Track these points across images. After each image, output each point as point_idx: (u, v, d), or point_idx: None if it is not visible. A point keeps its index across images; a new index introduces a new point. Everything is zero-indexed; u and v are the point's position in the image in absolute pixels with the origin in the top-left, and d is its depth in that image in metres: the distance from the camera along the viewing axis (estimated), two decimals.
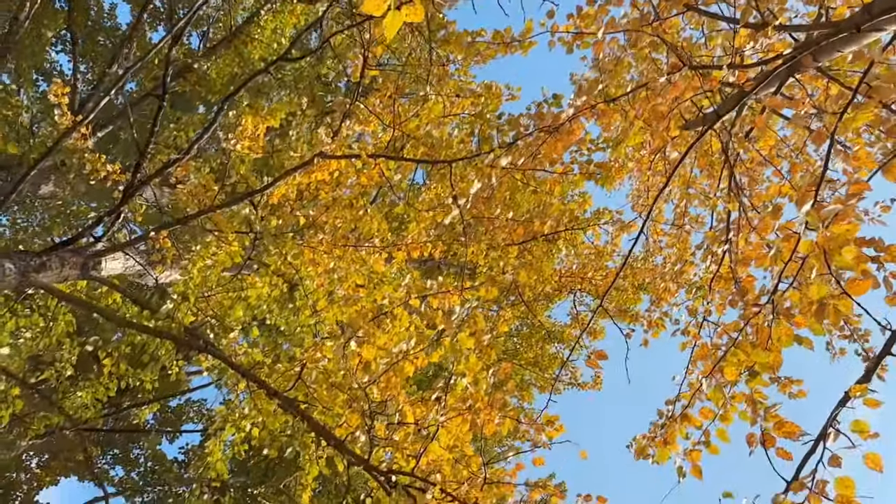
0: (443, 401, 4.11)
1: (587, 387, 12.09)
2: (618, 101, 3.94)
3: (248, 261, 6.01)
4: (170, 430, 12.70)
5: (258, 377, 5.60)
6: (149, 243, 6.83)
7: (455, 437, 4.53)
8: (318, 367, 5.33)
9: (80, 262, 6.34)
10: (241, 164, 6.04)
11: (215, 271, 6.42)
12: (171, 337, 5.70)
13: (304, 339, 5.78)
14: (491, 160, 4.51)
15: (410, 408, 4.21)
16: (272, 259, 6.24)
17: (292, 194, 6.41)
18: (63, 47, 10.85)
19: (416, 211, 5.86)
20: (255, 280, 6.26)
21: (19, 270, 5.64)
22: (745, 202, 4.61)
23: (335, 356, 3.97)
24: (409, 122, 5.76)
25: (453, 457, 4.56)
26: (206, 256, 6.28)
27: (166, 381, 12.25)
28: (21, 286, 5.69)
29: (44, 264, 5.89)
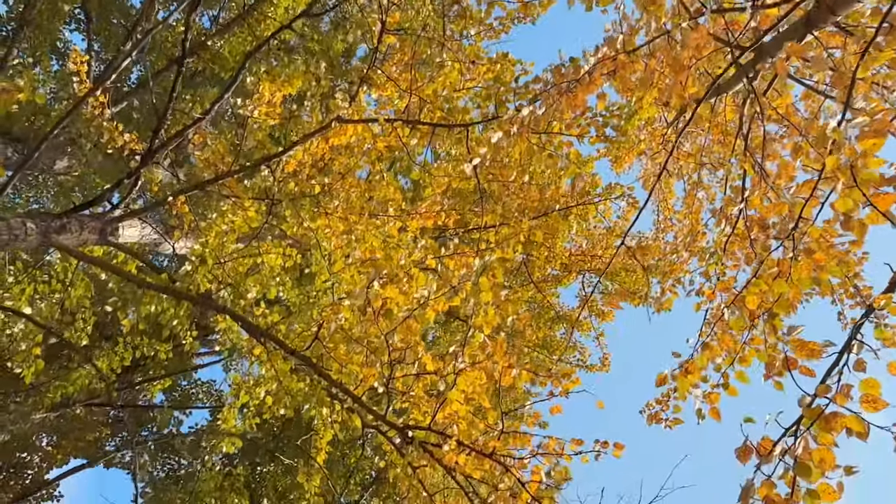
0: (460, 354, 4.17)
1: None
2: (638, 53, 3.97)
3: (265, 225, 6.07)
4: (180, 407, 12.79)
5: (275, 336, 5.67)
6: (166, 211, 6.90)
7: (472, 390, 4.58)
8: (336, 323, 5.39)
9: (99, 226, 6.41)
10: (258, 130, 6.09)
11: (231, 237, 6.48)
12: (189, 297, 5.77)
13: (317, 308, 5.83)
14: (510, 116, 4.55)
15: (430, 359, 4.27)
16: (288, 225, 6.30)
17: (308, 161, 6.48)
18: (77, 26, 10.92)
19: (432, 176, 5.91)
20: (270, 247, 6.32)
21: (40, 231, 5.71)
22: (760, 161, 4.64)
23: (357, 299, 4.02)
24: (425, 87, 5.81)
25: (470, 408, 4.62)
26: (223, 223, 6.34)
27: (176, 361, 12.34)
28: (42, 246, 5.76)
29: (64, 226, 5.96)
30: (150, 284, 5.78)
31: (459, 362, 4.06)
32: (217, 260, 6.42)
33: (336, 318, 5.47)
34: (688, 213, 6.89)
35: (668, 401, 6.00)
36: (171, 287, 5.77)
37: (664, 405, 6.05)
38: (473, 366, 4.06)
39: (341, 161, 6.44)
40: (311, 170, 6.40)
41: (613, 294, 11.63)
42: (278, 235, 7.67)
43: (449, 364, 4.28)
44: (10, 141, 8.97)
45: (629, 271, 10.80)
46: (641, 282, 11.30)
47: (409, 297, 3.96)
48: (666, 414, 6.12)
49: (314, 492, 6.28)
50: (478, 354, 4.07)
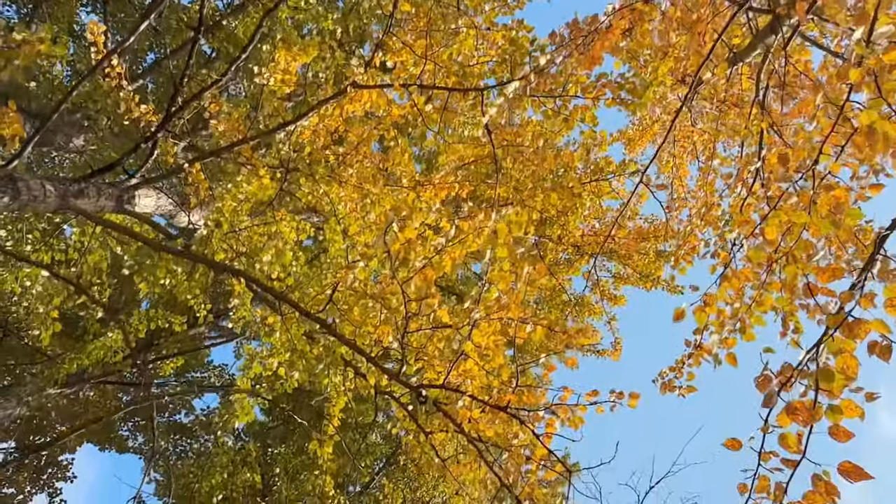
0: (475, 307, 4.17)
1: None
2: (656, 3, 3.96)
3: (280, 193, 6.10)
4: (192, 393, 12.87)
5: (290, 299, 5.70)
6: (181, 181, 6.94)
7: (486, 345, 4.59)
8: (351, 283, 5.42)
9: (116, 194, 6.47)
10: (274, 98, 6.13)
11: (246, 206, 6.52)
12: (205, 261, 5.81)
13: (331, 272, 5.85)
14: (526, 73, 4.56)
15: (446, 312, 4.28)
16: (303, 193, 6.33)
17: (323, 131, 6.50)
18: (93, 7, 11.02)
19: (447, 143, 5.91)
20: (284, 214, 6.35)
21: (59, 194, 5.77)
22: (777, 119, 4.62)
23: (376, 247, 4.03)
24: (440, 53, 5.81)
25: (483, 363, 4.62)
26: (238, 192, 6.38)
27: (189, 344, 12.42)
28: (60, 209, 5.81)
29: (82, 191, 6.02)
30: (167, 247, 5.83)
31: (475, 313, 4.06)
32: (232, 228, 6.46)
33: (351, 280, 5.50)
34: (703, 184, 6.86)
35: (681, 367, 5.99)
36: (186, 250, 5.81)
37: (678, 372, 6.03)
38: (488, 317, 4.06)
39: (356, 132, 6.47)
40: (326, 139, 6.43)
41: (625, 278, 11.60)
42: (293, 210, 7.71)
43: (464, 318, 4.29)
44: (28, 117, 9.07)
45: (642, 254, 10.77)
46: (654, 265, 11.27)
47: (426, 247, 3.97)
48: (679, 381, 6.11)
49: (327, 457, 6.31)
50: (493, 306, 4.07)
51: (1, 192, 5.26)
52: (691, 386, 6.07)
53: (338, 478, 10.46)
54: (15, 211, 5.51)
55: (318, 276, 6.01)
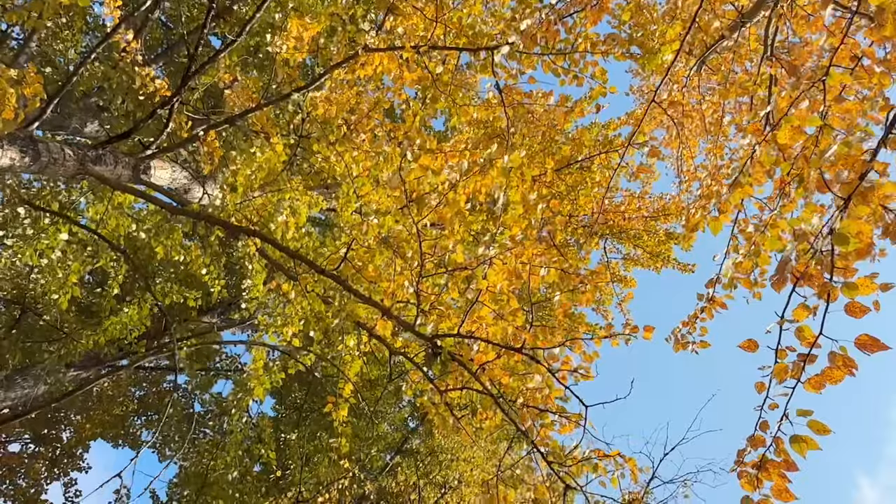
0: (491, 244, 4.22)
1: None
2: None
3: (293, 158, 6.18)
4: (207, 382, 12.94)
5: (305, 256, 5.76)
6: (195, 152, 7.03)
7: (501, 289, 4.63)
8: (365, 241, 5.48)
9: (133, 163, 6.57)
10: (287, 66, 6.22)
11: (260, 174, 6.60)
12: (221, 222, 5.88)
13: (345, 232, 5.91)
14: (534, 22, 4.62)
15: (461, 252, 4.32)
16: (315, 160, 6.41)
17: (335, 101, 6.58)
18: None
19: (458, 106, 5.98)
20: (297, 183, 6.43)
21: (77, 158, 5.87)
22: (787, 62, 4.65)
23: (391, 181, 4.09)
24: (450, 16, 5.89)
25: (497, 308, 4.66)
26: (251, 162, 6.47)
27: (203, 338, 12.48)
28: (78, 174, 5.92)
29: (100, 157, 6.12)
30: (184, 210, 5.91)
31: (490, 250, 4.11)
32: (246, 197, 6.55)
33: (364, 237, 5.57)
34: (713, 146, 6.89)
35: (694, 321, 6.01)
36: (202, 213, 5.89)
37: (691, 326, 6.05)
38: (503, 254, 4.10)
39: (368, 99, 6.55)
40: (338, 110, 6.51)
41: (635, 259, 11.60)
42: (305, 186, 7.79)
43: (479, 259, 4.34)
44: (42, 101, 9.19)
45: (651, 233, 10.78)
46: (664, 246, 11.27)
47: (439, 175, 4.02)
48: (693, 337, 6.12)
49: (341, 420, 6.35)
50: (507, 244, 4.12)
51: (22, 152, 5.37)
52: (704, 341, 6.09)
53: (351, 457, 10.48)
54: (35, 172, 5.61)
55: (332, 239, 6.07)
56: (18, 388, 8.80)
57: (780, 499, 2.47)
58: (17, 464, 12.80)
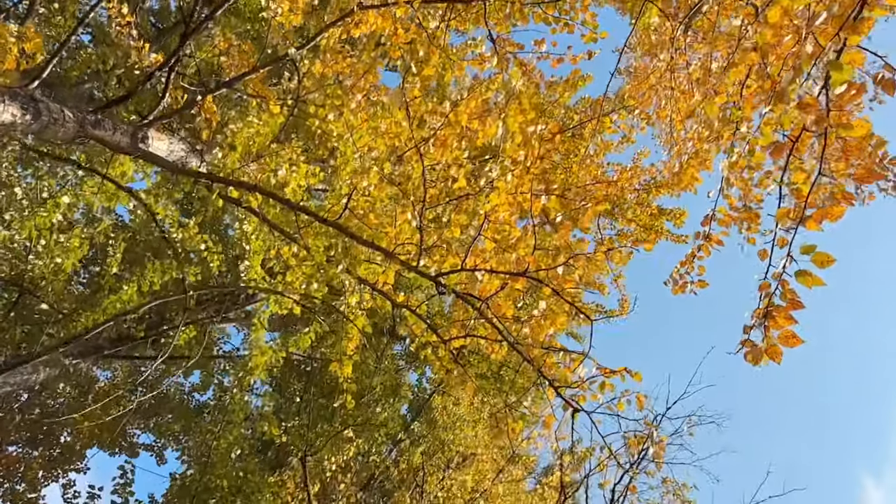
0: (494, 168, 4.31)
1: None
2: None
3: (290, 121, 6.26)
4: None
5: (307, 208, 5.83)
6: (193, 127, 7.10)
7: (504, 220, 4.71)
8: (366, 189, 5.55)
9: (131, 130, 6.62)
10: (282, 30, 6.32)
11: (259, 140, 6.67)
12: (222, 179, 5.94)
13: (346, 183, 5.97)
14: None
15: (463, 177, 4.40)
16: (312, 121, 6.49)
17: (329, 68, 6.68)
18: None
19: (452, 61, 6.09)
20: (296, 146, 6.50)
21: (77, 121, 5.92)
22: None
23: (395, 98, 4.17)
24: None
25: (500, 239, 4.74)
26: (249, 125, 6.54)
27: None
28: (78, 137, 5.97)
29: (99, 122, 6.17)
30: (183, 170, 5.98)
31: (493, 171, 4.19)
32: (244, 161, 6.61)
33: (365, 185, 5.64)
34: (704, 100, 7.00)
35: (692, 260, 6.10)
36: (201, 172, 5.96)
37: (689, 265, 6.15)
38: (505, 176, 4.19)
39: (364, 60, 6.65)
40: (334, 68, 6.60)
41: (628, 234, 11.73)
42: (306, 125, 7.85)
43: (481, 183, 4.43)
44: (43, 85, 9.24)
45: (643, 206, 10.92)
46: (657, 221, 11.40)
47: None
48: (691, 276, 6.22)
49: (347, 375, 6.38)
50: (509, 166, 4.21)
51: (23, 109, 5.42)
52: (702, 280, 6.19)
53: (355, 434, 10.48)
54: (36, 132, 5.65)
55: (334, 191, 6.14)
56: (18, 375, 8.76)
57: (788, 345, 2.55)
58: (14, 465, 12.65)
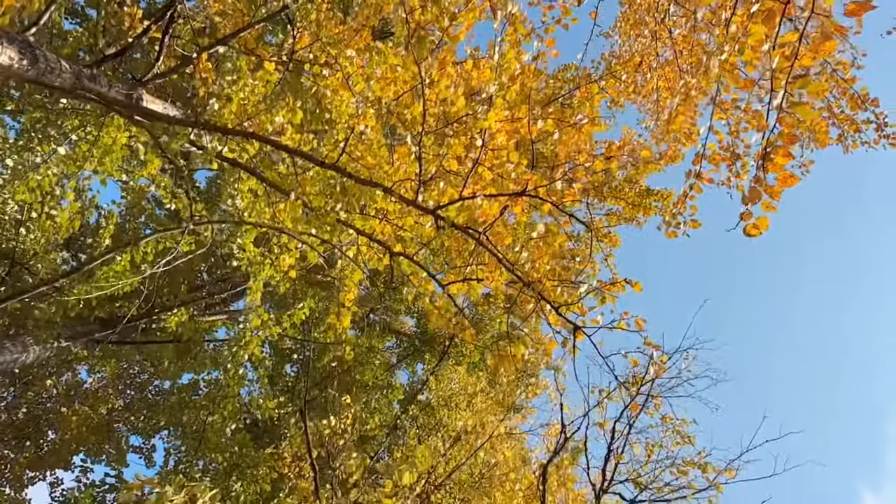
0: (492, 84, 4.40)
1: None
2: None
3: (285, 74, 6.33)
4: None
5: (304, 151, 5.88)
6: (188, 84, 7.13)
7: (502, 145, 4.79)
8: (362, 133, 5.62)
9: (126, 89, 6.66)
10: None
11: (253, 98, 6.73)
12: (219, 128, 5.98)
13: (342, 129, 6.03)
14: None
15: (462, 99, 4.48)
16: (307, 78, 6.56)
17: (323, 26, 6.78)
18: None
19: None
20: (292, 101, 6.57)
21: (74, 73, 5.94)
22: None
23: (396, 29, 4.26)
24: None
25: (496, 164, 4.81)
26: (244, 85, 6.60)
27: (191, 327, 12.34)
28: (74, 89, 5.98)
29: (94, 76, 6.20)
30: (180, 120, 6.01)
31: (491, 87, 4.28)
32: (240, 118, 6.65)
33: (361, 129, 5.71)
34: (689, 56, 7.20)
35: (684, 200, 6.23)
36: (199, 121, 5.99)
37: (681, 206, 6.27)
38: (504, 90, 4.27)
39: (358, 19, 6.76)
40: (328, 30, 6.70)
41: (618, 214, 11.88)
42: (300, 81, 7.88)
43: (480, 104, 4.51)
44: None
45: (632, 183, 11.08)
46: (646, 200, 11.57)
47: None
48: (684, 217, 6.34)
49: (345, 326, 6.38)
50: (506, 82, 4.30)
51: (21, 53, 5.43)
52: (695, 220, 6.31)
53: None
54: (33, 80, 5.66)
55: (329, 137, 6.20)
56: (7, 353, 8.64)
57: (786, 185, 2.64)
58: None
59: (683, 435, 7.27)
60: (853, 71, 6.62)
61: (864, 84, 6.63)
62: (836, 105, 6.49)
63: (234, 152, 6.94)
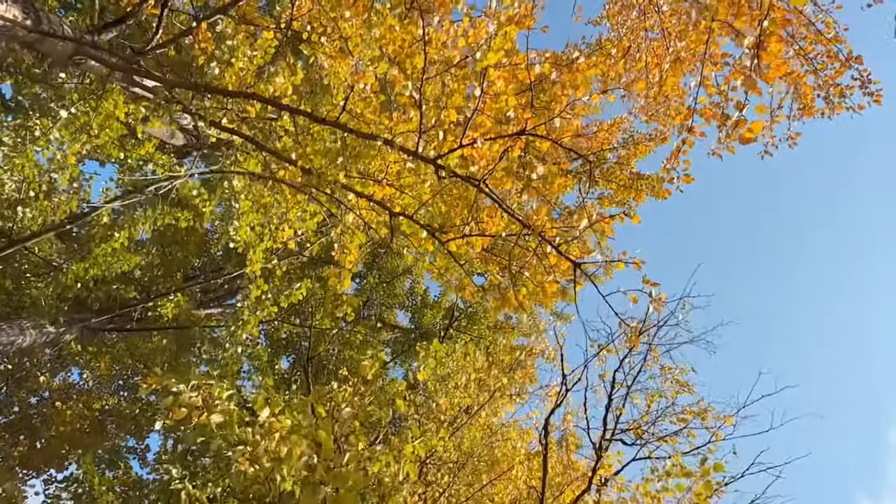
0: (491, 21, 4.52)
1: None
2: None
3: (283, 44, 6.44)
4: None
5: (304, 110, 5.97)
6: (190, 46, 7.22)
7: (501, 90, 4.91)
8: (361, 91, 5.72)
9: (126, 56, 6.74)
10: None
11: (252, 68, 6.83)
12: (219, 90, 6.08)
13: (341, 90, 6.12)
14: None
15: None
16: (305, 46, 6.68)
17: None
18: None
19: None
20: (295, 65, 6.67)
21: (75, 37, 6.02)
22: None
23: (385, 9, 4.37)
24: None
25: (496, 108, 4.92)
26: (243, 51, 6.70)
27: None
28: (76, 55, 6.05)
29: (95, 42, 6.28)
30: (182, 82, 6.09)
31: (490, 25, 4.40)
32: (242, 84, 6.74)
33: (361, 86, 5.81)
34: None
35: (677, 155, 6.37)
36: (201, 83, 6.08)
37: (674, 160, 6.40)
38: (502, 30, 4.39)
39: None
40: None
41: (610, 198, 12.03)
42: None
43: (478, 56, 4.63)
44: None
45: (623, 165, 11.26)
46: (637, 183, 11.74)
47: None
48: (677, 172, 6.47)
49: (346, 287, 6.45)
50: (505, 21, 4.42)
51: (24, 12, 5.51)
52: (688, 175, 6.45)
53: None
54: (35, 40, 5.73)
55: (329, 99, 6.30)
56: (4, 335, 8.61)
57: (779, 72, 2.77)
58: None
59: (682, 383, 7.37)
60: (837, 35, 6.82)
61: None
62: (822, 67, 6.68)
63: (233, 123, 7.03)
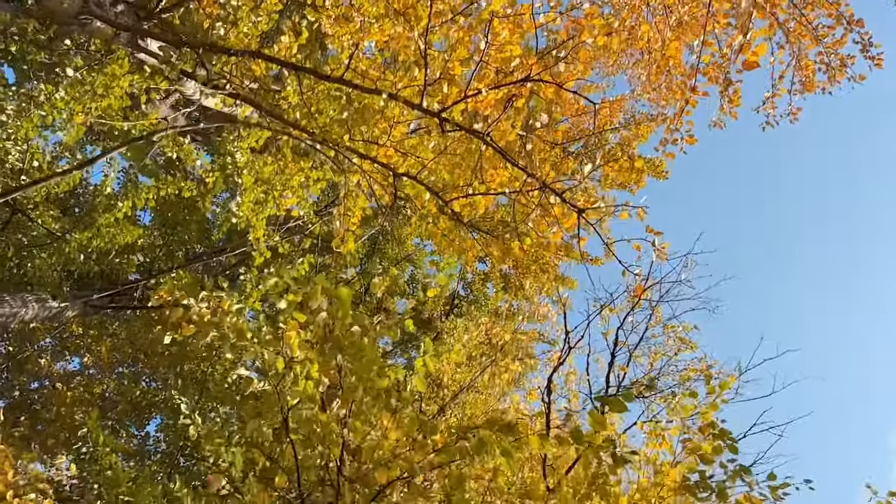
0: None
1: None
2: None
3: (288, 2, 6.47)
4: None
5: (308, 67, 6.00)
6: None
7: (505, 41, 4.93)
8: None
9: (130, 22, 6.78)
10: None
11: (255, 32, 6.86)
12: (224, 49, 6.10)
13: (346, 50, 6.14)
14: None
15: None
16: (309, 11, 6.71)
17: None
18: None
19: None
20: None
21: None
22: None
23: None
24: None
25: (501, 59, 4.95)
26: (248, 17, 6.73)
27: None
28: (81, 14, 6.09)
29: (100, 3, 6.32)
30: (188, 42, 6.12)
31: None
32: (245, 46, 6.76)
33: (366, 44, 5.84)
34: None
35: (680, 116, 6.39)
36: (204, 42, 6.11)
37: (678, 121, 6.43)
38: None
39: None
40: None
41: (608, 179, 12.05)
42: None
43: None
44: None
45: (625, 146, 11.30)
46: (636, 161, 11.75)
47: None
48: (680, 133, 6.50)
49: (349, 250, 6.47)
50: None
51: None
52: (691, 136, 6.47)
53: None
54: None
55: (335, 59, 6.32)
56: (7, 306, 8.62)
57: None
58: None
59: (685, 341, 7.39)
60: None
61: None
62: (824, 34, 6.70)
63: (234, 87, 7.06)
